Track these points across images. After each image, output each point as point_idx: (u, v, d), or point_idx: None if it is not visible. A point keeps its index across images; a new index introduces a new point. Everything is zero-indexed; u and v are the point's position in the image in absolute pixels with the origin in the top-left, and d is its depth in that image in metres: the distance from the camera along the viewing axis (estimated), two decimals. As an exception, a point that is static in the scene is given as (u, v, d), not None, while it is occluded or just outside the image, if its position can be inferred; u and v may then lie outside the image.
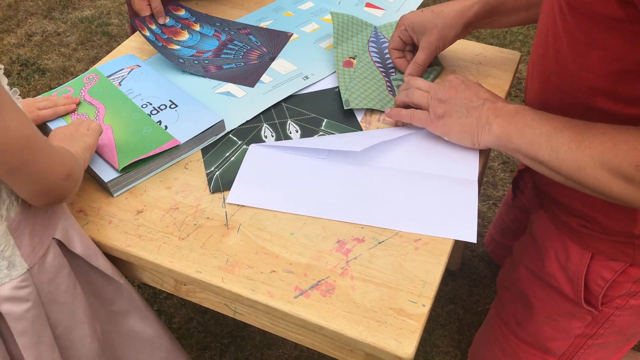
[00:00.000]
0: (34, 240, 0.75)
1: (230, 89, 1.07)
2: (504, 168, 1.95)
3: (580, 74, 0.75)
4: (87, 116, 0.99)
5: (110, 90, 1.04)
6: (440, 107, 0.91)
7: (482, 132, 0.87)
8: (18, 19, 2.71)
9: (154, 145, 0.92)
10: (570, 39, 0.75)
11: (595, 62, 0.73)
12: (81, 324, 0.84)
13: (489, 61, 1.13)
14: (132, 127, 0.96)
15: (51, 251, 0.78)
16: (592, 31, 0.70)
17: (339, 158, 0.94)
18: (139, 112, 0.99)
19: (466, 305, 1.60)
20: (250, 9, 1.29)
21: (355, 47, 1.12)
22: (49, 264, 0.78)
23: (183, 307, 1.61)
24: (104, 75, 1.07)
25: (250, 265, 0.81)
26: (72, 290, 0.82)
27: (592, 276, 0.91)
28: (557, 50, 0.78)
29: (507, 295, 1.11)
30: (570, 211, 0.91)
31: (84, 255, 0.82)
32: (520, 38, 2.48)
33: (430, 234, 0.84)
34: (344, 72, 1.07)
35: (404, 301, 0.76)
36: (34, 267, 0.75)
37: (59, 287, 0.80)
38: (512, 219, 1.34)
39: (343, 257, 0.81)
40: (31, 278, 0.76)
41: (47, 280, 0.78)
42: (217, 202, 0.89)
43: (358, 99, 1.02)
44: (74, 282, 0.82)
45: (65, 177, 0.72)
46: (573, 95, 0.78)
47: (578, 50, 0.74)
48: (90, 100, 1.02)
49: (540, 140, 0.79)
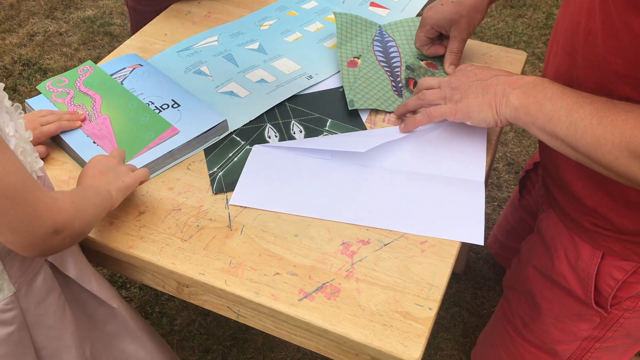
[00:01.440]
0: (25, 264, 0.73)
1: (234, 89, 1.06)
2: (509, 169, 1.94)
3: (608, 58, 0.73)
4: (84, 107, 0.98)
5: (105, 80, 1.03)
6: (456, 93, 0.89)
7: (501, 106, 0.84)
8: (20, 18, 2.70)
9: (153, 134, 0.91)
10: (605, 20, 0.72)
11: (626, 46, 0.71)
12: (68, 349, 0.82)
13: (495, 61, 1.12)
14: (130, 115, 0.95)
15: (42, 273, 0.75)
16: (628, 14, 0.68)
17: (344, 159, 0.93)
18: (135, 100, 0.98)
19: (470, 308, 1.59)
20: (253, 8, 1.28)
21: (360, 47, 1.11)
22: (39, 286, 0.75)
23: (185, 309, 1.59)
24: (98, 67, 1.07)
25: (253, 267, 0.79)
26: (61, 313, 0.80)
27: (602, 276, 0.90)
28: (589, 31, 0.76)
29: (514, 296, 1.10)
30: (581, 209, 0.89)
31: (77, 278, 0.80)
32: (525, 39, 2.46)
33: (437, 236, 0.82)
34: (348, 72, 1.06)
35: (410, 304, 0.75)
36: (22, 290, 0.73)
37: (48, 309, 0.77)
38: (517, 220, 1.33)
39: (348, 260, 0.80)
40: (17, 301, 0.73)
41: (35, 302, 0.75)
42: (220, 203, 0.88)
43: (363, 99, 1.01)
44: (63, 304, 0.80)
45: (53, 232, 0.64)
46: (596, 80, 0.76)
47: (610, 32, 0.72)
48: (86, 90, 1.02)
49: (560, 113, 0.76)
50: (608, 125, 0.71)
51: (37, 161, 0.73)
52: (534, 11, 2.64)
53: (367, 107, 1.00)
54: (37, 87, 1.03)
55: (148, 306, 1.61)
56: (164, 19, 1.26)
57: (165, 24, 1.25)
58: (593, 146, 0.72)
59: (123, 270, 0.90)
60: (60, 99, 1.00)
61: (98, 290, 0.84)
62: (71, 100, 1.00)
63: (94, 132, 0.94)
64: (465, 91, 0.88)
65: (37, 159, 0.73)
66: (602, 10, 0.73)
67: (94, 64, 1.08)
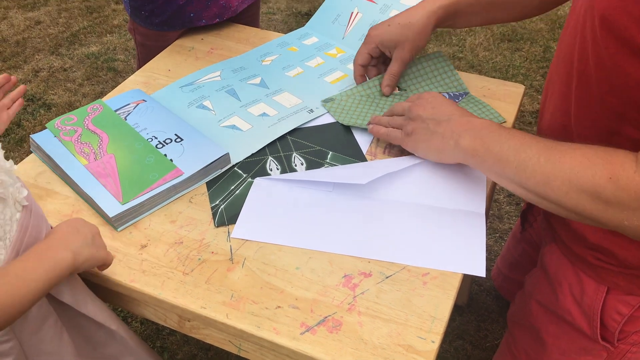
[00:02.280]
0: None
1: (236, 122, 1.08)
2: (510, 201, 1.94)
3: (605, 98, 0.75)
4: (91, 145, 0.99)
5: (114, 120, 1.05)
6: (410, 125, 0.94)
7: (447, 147, 0.88)
8: (25, 55, 2.74)
9: (157, 175, 0.92)
10: (597, 62, 0.74)
11: (620, 87, 0.72)
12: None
13: (493, 94, 1.14)
14: (135, 155, 0.96)
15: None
16: (618, 55, 0.70)
17: (345, 191, 0.93)
18: (142, 141, 0.99)
19: (474, 341, 1.57)
20: (255, 44, 1.31)
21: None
22: (33, 315, 0.74)
23: (186, 344, 1.58)
24: (108, 106, 1.08)
25: (255, 300, 0.79)
26: (59, 339, 0.79)
27: (608, 311, 0.89)
28: (581, 73, 0.78)
29: (519, 331, 1.09)
30: (584, 244, 0.89)
31: (72, 303, 0.79)
32: (523, 72, 2.49)
33: (439, 268, 0.82)
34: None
35: (413, 337, 0.74)
36: (16, 320, 0.71)
37: (44, 337, 0.77)
38: (520, 253, 1.32)
39: (350, 292, 0.80)
40: (13, 331, 0.72)
41: (30, 331, 0.75)
42: (221, 236, 0.88)
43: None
44: (60, 330, 0.79)
45: None
46: (593, 118, 0.78)
47: (602, 73, 0.73)
48: (94, 129, 1.03)
49: (508, 154, 0.79)
50: (556, 163, 0.73)
51: (21, 190, 0.72)
52: (531, 44, 2.69)
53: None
54: (46, 125, 1.04)
55: (149, 341, 1.59)
56: (168, 54, 1.29)
57: (169, 59, 1.27)
58: (542, 183, 0.74)
59: (124, 304, 0.89)
60: (67, 137, 1.01)
61: (95, 313, 0.83)
62: (78, 138, 1.01)
63: (98, 170, 0.94)
64: (416, 127, 0.93)
65: (20, 188, 0.72)
66: (594, 53, 0.75)
67: (104, 102, 1.09)
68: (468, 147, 0.85)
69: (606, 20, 0.71)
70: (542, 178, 0.74)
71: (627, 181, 0.67)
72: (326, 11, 1.34)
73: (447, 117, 0.90)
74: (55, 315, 0.78)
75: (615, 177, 0.68)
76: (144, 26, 1.35)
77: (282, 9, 3.05)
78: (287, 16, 3.00)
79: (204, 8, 1.31)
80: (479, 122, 0.86)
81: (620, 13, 0.68)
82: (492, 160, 0.81)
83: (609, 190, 0.68)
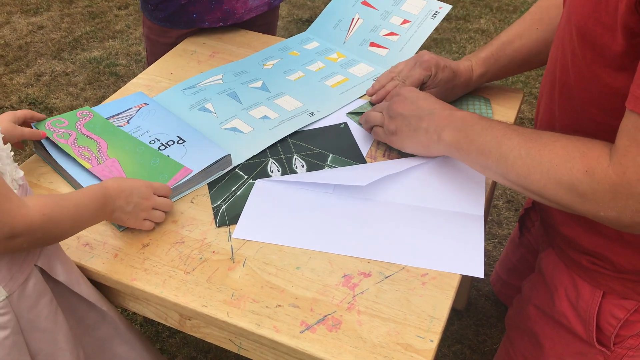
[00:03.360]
0: (13, 269, 0.74)
1: (237, 125, 1.09)
2: (509, 207, 1.95)
3: (585, 107, 0.76)
4: (89, 149, 0.99)
5: (108, 127, 1.04)
6: (392, 124, 0.95)
7: (432, 142, 0.90)
8: (28, 59, 2.76)
9: (167, 176, 0.93)
10: (576, 72, 0.76)
11: (598, 97, 0.73)
12: (63, 352, 0.82)
13: (493, 99, 1.15)
14: (139, 159, 0.97)
15: (32, 278, 0.77)
16: (595, 66, 0.71)
17: (345, 192, 0.94)
18: (143, 146, 1.00)
19: (473, 345, 1.58)
20: (257, 49, 1.32)
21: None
22: (30, 291, 0.76)
23: (186, 346, 1.58)
24: (97, 113, 1.08)
25: (255, 299, 0.80)
26: (54, 317, 0.80)
27: (604, 315, 0.90)
28: (563, 83, 0.79)
29: (517, 335, 1.09)
30: (579, 249, 0.90)
31: (66, 282, 0.81)
32: (522, 79, 2.51)
33: (437, 269, 0.83)
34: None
35: (412, 336, 0.75)
36: (14, 294, 0.74)
37: (40, 314, 0.78)
38: (518, 258, 1.33)
39: (349, 292, 0.80)
40: (10, 305, 0.74)
41: (27, 307, 0.76)
42: (222, 236, 0.89)
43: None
44: (55, 308, 0.81)
45: (9, 237, 0.68)
46: (575, 128, 0.79)
47: (582, 84, 0.75)
48: (88, 134, 1.02)
49: (490, 146, 0.80)
50: (536, 156, 0.75)
51: (17, 171, 0.76)
52: (530, 53, 2.70)
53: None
54: (34, 124, 1.03)
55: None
56: (170, 57, 1.30)
57: (171, 62, 1.28)
58: (523, 176, 0.76)
59: (125, 303, 0.90)
60: (62, 139, 1.00)
61: (87, 293, 0.85)
62: (74, 142, 1.00)
63: (104, 173, 0.95)
64: (399, 125, 0.94)
65: (16, 169, 0.77)
66: (573, 63, 0.76)
67: (91, 109, 1.08)
68: (451, 141, 0.86)
69: (582, 30, 0.72)
70: (522, 171, 0.76)
71: (602, 174, 0.69)
72: (328, 16, 1.35)
73: (429, 111, 0.91)
74: (50, 294, 0.80)
75: (590, 171, 0.70)
76: (150, 19, 1.38)
77: (283, 15, 3.07)
78: (288, 22, 3.02)
79: (207, 10, 1.32)
80: (461, 114, 0.87)
81: (594, 23, 0.70)
82: (475, 153, 0.83)
83: (585, 183, 0.70)
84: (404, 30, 1.26)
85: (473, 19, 2.96)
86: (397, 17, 1.28)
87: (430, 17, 1.24)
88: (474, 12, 3.01)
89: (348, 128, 1.08)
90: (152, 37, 1.41)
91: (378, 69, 1.22)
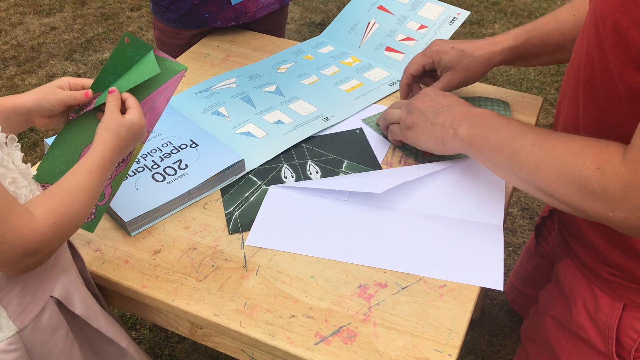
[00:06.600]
0: (24, 300, 0.70)
1: (251, 129, 1.07)
2: (523, 215, 1.92)
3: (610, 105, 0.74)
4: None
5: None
6: (409, 118, 0.94)
7: (447, 137, 0.88)
8: (40, 60, 2.76)
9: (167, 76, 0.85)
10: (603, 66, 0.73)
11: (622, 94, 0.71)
12: None
13: (511, 106, 1.12)
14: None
15: (47, 311, 0.73)
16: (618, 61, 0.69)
17: (360, 200, 0.92)
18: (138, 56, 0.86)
19: (486, 356, 1.55)
20: (271, 52, 1.30)
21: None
22: (44, 324, 0.73)
23: (195, 352, 1.57)
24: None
25: (269, 309, 0.78)
26: (69, 352, 0.77)
27: (624, 328, 0.87)
28: (587, 79, 0.77)
29: (532, 347, 1.07)
30: (599, 260, 0.88)
31: (84, 316, 0.78)
32: (537, 85, 2.48)
33: (456, 280, 0.81)
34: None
35: (429, 350, 0.73)
36: (26, 328, 0.71)
37: (54, 348, 0.75)
38: (534, 267, 1.30)
39: (365, 303, 0.78)
40: (21, 340, 0.71)
41: (41, 341, 0.73)
42: (235, 243, 0.87)
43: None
44: (71, 342, 0.78)
45: (24, 255, 0.63)
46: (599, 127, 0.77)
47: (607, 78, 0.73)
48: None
49: (503, 143, 0.79)
50: (548, 151, 0.73)
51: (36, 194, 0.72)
52: (545, 58, 2.67)
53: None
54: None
55: (157, 348, 1.58)
56: (183, 60, 1.29)
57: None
58: (534, 171, 0.74)
59: (136, 310, 0.89)
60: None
61: (106, 328, 0.82)
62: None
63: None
64: (416, 119, 0.93)
65: (36, 192, 0.73)
66: (599, 57, 0.74)
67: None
68: (466, 136, 0.84)
69: (608, 23, 0.70)
70: (533, 166, 0.74)
71: (613, 171, 0.67)
72: (343, 20, 1.34)
73: (446, 107, 0.90)
74: (66, 327, 0.77)
75: (602, 167, 0.68)
76: (161, 21, 1.38)
77: (295, 19, 3.06)
78: (301, 26, 3.01)
79: (219, 10, 1.31)
80: (478, 111, 0.86)
81: (620, 16, 0.68)
82: (488, 149, 0.81)
83: (595, 181, 0.68)
84: (420, 35, 1.24)
85: (487, 24, 2.93)
86: (414, 22, 1.26)
87: (448, 22, 1.22)
88: (488, 17, 2.99)
89: (363, 134, 1.06)
90: (164, 39, 1.40)
91: (394, 73, 1.20)
